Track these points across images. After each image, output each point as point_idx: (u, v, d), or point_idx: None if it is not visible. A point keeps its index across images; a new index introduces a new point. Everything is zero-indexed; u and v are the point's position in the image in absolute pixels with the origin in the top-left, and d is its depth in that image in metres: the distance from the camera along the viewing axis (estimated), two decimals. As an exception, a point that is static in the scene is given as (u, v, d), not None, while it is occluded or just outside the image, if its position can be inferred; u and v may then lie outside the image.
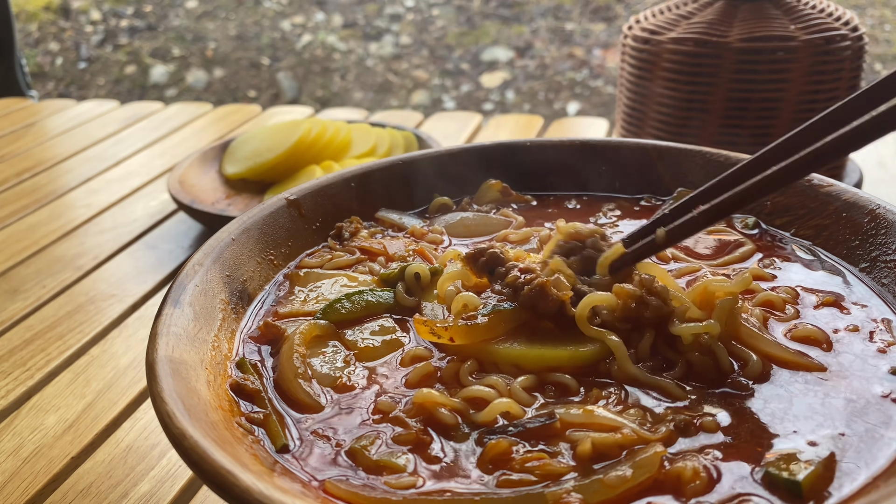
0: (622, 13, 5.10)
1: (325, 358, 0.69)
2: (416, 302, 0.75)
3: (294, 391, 0.64)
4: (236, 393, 0.65)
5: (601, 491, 0.51)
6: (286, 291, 0.80)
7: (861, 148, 0.56)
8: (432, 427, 0.60)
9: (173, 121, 2.12)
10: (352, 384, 0.65)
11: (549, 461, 0.54)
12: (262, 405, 0.63)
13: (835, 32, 1.30)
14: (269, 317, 0.75)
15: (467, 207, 0.96)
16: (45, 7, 5.59)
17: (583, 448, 0.54)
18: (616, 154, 0.99)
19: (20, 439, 0.94)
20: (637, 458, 0.53)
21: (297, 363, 0.66)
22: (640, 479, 0.52)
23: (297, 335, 0.69)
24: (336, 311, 0.74)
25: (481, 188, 0.98)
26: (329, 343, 0.71)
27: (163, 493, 0.85)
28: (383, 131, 1.65)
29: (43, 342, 1.14)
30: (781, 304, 0.72)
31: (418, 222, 0.93)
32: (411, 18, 5.31)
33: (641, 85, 1.41)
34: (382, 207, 0.95)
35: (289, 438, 0.60)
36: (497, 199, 0.97)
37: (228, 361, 0.69)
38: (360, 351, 0.70)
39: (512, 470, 0.55)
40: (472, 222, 0.92)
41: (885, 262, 0.74)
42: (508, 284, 0.69)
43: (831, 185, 0.82)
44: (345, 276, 0.81)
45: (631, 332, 0.65)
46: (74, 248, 1.44)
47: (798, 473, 0.52)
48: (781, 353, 0.65)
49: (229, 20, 5.44)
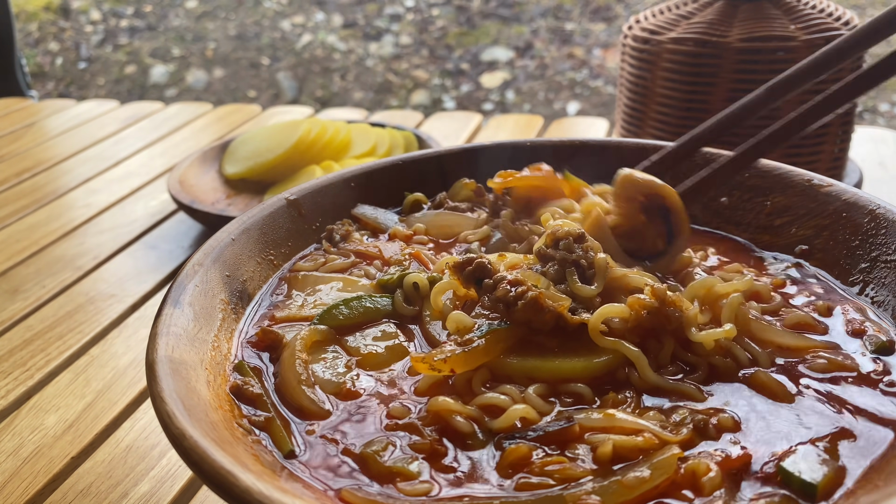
0: (622, 13, 5.10)
1: (326, 364, 0.68)
2: (416, 311, 0.74)
3: (298, 398, 0.64)
4: (237, 396, 0.64)
5: (620, 492, 0.52)
6: (284, 295, 0.79)
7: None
8: (447, 436, 0.59)
9: (173, 121, 2.12)
10: (356, 390, 0.65)
11: (568, 465, 0.55)
12: (265, 409, 0.63)
13: (835, 32, 1.30)
14: (267, 321, 0.75)
15: (444, 201, 0.95)
16: (45, 7, 5.59)
17: (603, 450, 0.55)
18: (616, 154, 0.99)
19: (20, 439, 0.94)
20: (654, 459, 0.54)
21: (300, 369, 0.66)
22: (658, 480, 0.52)
23: (298, 341, 0.68)
24: (334, 316, 0.73)
25: (454, 186, 0.97)
26: (329, 349, 0.70)
27: (163, 493, 0.85)
28: (383, 131, 1.65)
29: (43, 342, 1.14)
30: (768, 295, 0.74)
31: (394, 218, 0.92)
32: (411, 18, 5.31)
33: (641, 85, 1.41)
34: (358, 203, 0.94)
35: (295, 444, 0.60)
36: (470, 199, 0.96)
37: (227, 364, 0.69)
38: (364, 357, 0.69)
39: (531, 474, 0.55)
40: (447, 222, 0.91)
41: (885, 262, 0.74)
42: (500, 300, 0.66)
43: (831, 185, 0.82)
44: (342, 279, 0.80)
45: (644, 340, 0.65)
46: (74, 248, 1.44)
47: (814, 475, 0.53)
48: (793, 340, 0.67)
49: (229, 20, 5.44)
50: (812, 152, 1.35)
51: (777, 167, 0.87)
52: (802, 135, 0.80)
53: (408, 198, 0.96)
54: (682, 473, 0.53)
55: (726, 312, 0.65)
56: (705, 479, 0.52)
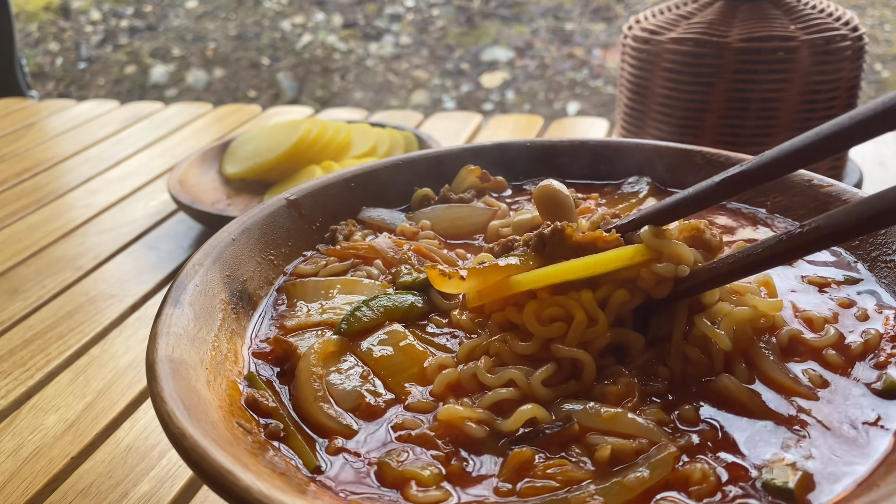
0: (622, 13, 5.10)
1: (342, 376, 0.66)
2: (456, 304, 0.73)
3: (316, 415, 0.62)
4: (252, 409, 0.63)
5: (621, 493, 0.53)
6: (286, 304, 0.78)
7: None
8: (462, 446, 0.59)
9: (173, 121, 2.12)
10: (376, 404, 0.64)
11: (569, 468, 0.55)
12: (283, 422, 0.62)
13: (835, 32, 1.30)
14: (278, 331, 0.74)
15: (448, 195, 0.95)
16: (45, 7, 5.59)
17: (601, 454, 0.56)
18: (616, 154, 0.99)
19: (20, 439, 0.94)
20: (652, 459, 0.55)
21: (316, 385, 0.64)
22: (656, 479, 0.53)
23: (312, 354, 0.67)
24: (358, 318, 0.71)
25: (459, 174, 0.97)
26: (343, 358, 0.68)
27: (163, 493, 0.85)
28: (383, 131, 1.65)
29: (43, 342, 1.14)
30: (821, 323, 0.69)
31: (401, 217, 0.92)
32: (411, 18, 5.31)
33: (641, 85, 1.41)
34: (364, 206, 0.94)
35: (319, 460, 0.59)
36: (475, 185, 0.96)
37: (234, 371, 0.68)
38: (377, 362, 0.68)
39: (535, 477, 0.55)
40: (458, 215, 0.91)
41: (885, 262, 0.74)
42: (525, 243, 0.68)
43: (831, 185, 0.82)
44: (342, 282, 0.79)
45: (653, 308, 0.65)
46: (74, 248, 1.44)
47: (789, 480, 0.53)
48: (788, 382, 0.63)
49: (229, 20, 5.44)
50: (812, 152, 1.35)
51: (777, 167, 0.87)
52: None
53: (416, 193, 0.96)
54: (675, 472, 0.54)
55: (727, 326, 0.63)
56: (696, 490, 0.53)
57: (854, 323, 0.69)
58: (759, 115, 1.32)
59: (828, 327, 0.68)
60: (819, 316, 0.69)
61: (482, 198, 0.94)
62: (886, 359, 0.64)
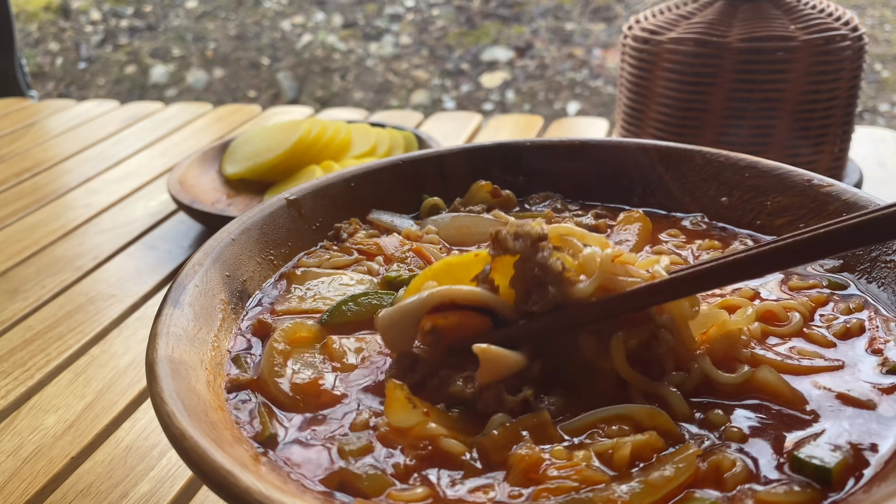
0: (622, 13, 5.10)
1: (303, 360, 0.68)
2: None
3: (268, 387, 0.65)
4: (235, 388, 0.65)
5: (648, 492, 0.52)
6: (283, 290, 0.79)
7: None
8: (437, 464, 0.57)
9: (173, 121, 2.12)
10: (327, 390, 0.64)
11: (583, 468, 0.54)
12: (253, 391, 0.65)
13: (835, 32, 1.30)
14: (266, 314, 0.75)
15: (459, 208, 0.95)
16: (45, 7, 5.59)
17: (622, 454, 0.55)
18: (615, 154, 0.99)
19: (20, 439, 0.94)
20: (675, 458, 0.55)
21: (277, 360, 0.67)
22: (683, 477, 0.53)
23: (278, 332, 0.69)
24: (343, 312, 0.73)
25: (471, 189, 0.97)
26: (313, 346, 0.70)
27: (163, 493, 0.85)
28: (383, 131, 1.65)
29: (43, 342, 1.14)
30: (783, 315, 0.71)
31: (410, 223, 0.92)
32: (411, 18, 5.31)
33: (641, 85, 1.41)
34: (374, 209, 0.94)
35: (276, 430, 0.60)
36: (486, 200, 0.96)
37: (226, 359, 0.69)
38: (344, 365, 0.67)
39: (545, 479, 0.54)
40: (464, 224, 0.91)
41: (885, 262, 0.74)
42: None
43: (831, 185, 0.82)
44: (342, 274, 0.81)
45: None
46: (74, 249, 1.44)
47: (828, 460, 0.53)
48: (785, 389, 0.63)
49: (229, 20, 5.44)
50: (812, 152, 1.35)
51: (777, 167, 0.87)
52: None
53: (426, 201, 0.96)
54: (705, 469, 0.54)
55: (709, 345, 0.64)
56: (729, 476, 0.53)
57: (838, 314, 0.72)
58: (758, 115, 1.32)
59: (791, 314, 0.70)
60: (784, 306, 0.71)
61: (492, 211, 0.94)
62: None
